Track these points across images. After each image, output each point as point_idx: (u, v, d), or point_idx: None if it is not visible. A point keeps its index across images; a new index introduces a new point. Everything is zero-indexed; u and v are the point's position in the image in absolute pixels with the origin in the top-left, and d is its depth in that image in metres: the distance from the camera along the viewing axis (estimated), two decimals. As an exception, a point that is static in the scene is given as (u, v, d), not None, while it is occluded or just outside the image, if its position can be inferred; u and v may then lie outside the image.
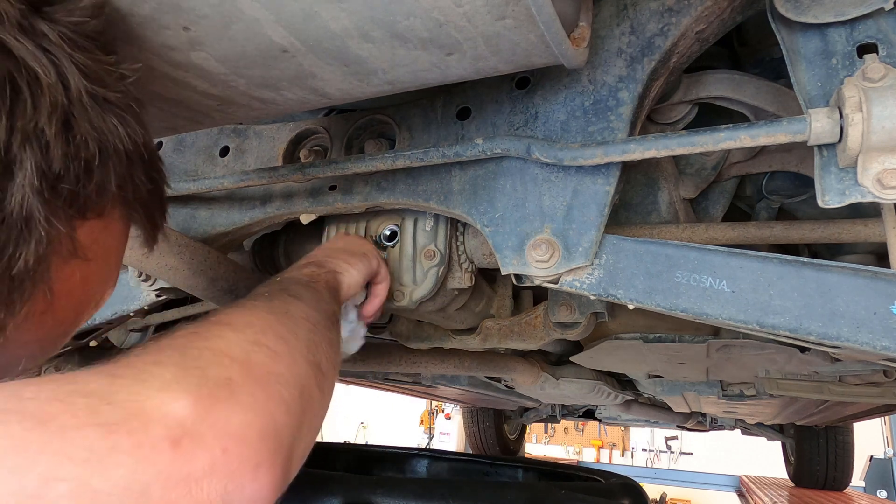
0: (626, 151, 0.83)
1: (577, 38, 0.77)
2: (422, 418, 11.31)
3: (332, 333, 0.73)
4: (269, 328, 0.59)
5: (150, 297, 1.24)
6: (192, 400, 0.43)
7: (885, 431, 8.11)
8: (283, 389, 0.52)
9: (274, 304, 0.67)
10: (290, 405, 0.51)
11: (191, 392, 0.44)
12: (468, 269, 1.15)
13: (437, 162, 0.96)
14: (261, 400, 0.48)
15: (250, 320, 0.59)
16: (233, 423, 0.44)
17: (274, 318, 0.62)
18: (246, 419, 0.45)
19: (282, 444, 0.48)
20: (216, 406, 0.44)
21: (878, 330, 0.70)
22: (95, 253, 0.57)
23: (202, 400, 0.44)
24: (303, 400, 0.54)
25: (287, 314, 0.65)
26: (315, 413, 0.58)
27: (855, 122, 0.68)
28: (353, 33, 0.66)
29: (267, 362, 0.53)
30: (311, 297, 0.77)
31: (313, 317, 0.69)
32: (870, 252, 1.24)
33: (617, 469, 6.12)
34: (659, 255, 0.84)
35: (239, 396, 0.46)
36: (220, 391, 0.46)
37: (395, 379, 2.91)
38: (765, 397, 2.30)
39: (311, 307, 0.72)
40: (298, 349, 0.59)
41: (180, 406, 0.42)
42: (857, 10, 0.75)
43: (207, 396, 0.44)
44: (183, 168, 1.27)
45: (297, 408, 0.52)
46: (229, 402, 0.45)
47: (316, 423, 0.59)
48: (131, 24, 0.64)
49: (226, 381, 0.47)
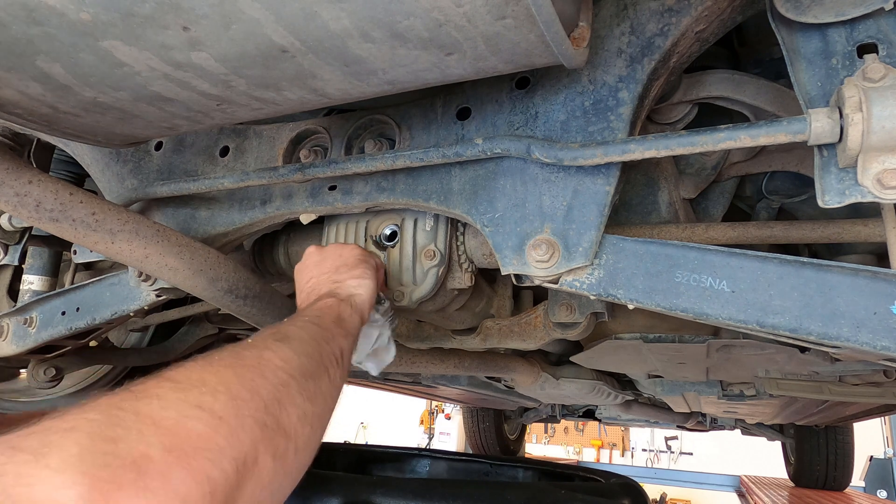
0: (626, 151, 0.83)
1: (577, 38, 0.77)
2: (422, 418, 11.31)
3: (321, 381, 0.68)
4: (223, 386, 0.54)
5: (150, 297, 1.24)
6: (88, 485, 0.39)
7: (885, 431, 8.11)
8: (212, 467, 0.46)
9: (248, 352, 0.62)
10: (218, 485, 0.46)
11: (88, 474, 0.39)
12: (468, 269, 1.15)
13: (437, 162, 0.96)
14: (175, 483, 0.43)
15: (203, 377, 0.54)
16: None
17: (233, 373, 0.56)
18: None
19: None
20: (115, 493, 0.40)
21: (878, 330, 0.70)
22: None
23: (100, 485, 0.39)
24: (241, 475, 0.49)
25: (257, 366, 0.60)
26: (266, 483, 0.53)
27: (855, 122, 0.68)
28: (353, 33, 0.66)
29: (202, 431, 0.48)
30: (307, 338, 0.72)
31: (295, 366, 0.64)
32: (870, 252, 1.24)
33: (617, 469, 6.12)
34: (659, 255, 0.84)
35: (147, 479, 0.42)
36: (126, 474, 0.41)
37: (395, 379, 2.91)
38: (765, 397, 2.30)
39: (299, 352, 0.67)
40: (252, 411, 0.54)
41: (72, 494, 0.38)
42: (857, 10, 0.75)
43: (108, 480, 0.40)
44: (183, 168, 1.27)
45: (229, 486, 0.47)
46: (133, 487, 0.41)
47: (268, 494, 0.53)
48: (132, 24, 0.64)
49: (139, 458, 0.43)
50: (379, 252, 1.16)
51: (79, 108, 0.81)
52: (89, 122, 0.87)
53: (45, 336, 1.43)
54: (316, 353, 0.71)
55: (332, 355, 0.74)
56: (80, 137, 0.93)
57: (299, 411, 0.60)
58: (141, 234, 0.98)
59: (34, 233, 1.65)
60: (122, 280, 1.30)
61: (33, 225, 0.93)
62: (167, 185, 1.18)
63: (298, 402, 0.61)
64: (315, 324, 0.77)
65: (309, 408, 0.62)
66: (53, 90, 0.75)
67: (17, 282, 1.76)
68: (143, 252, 0.98)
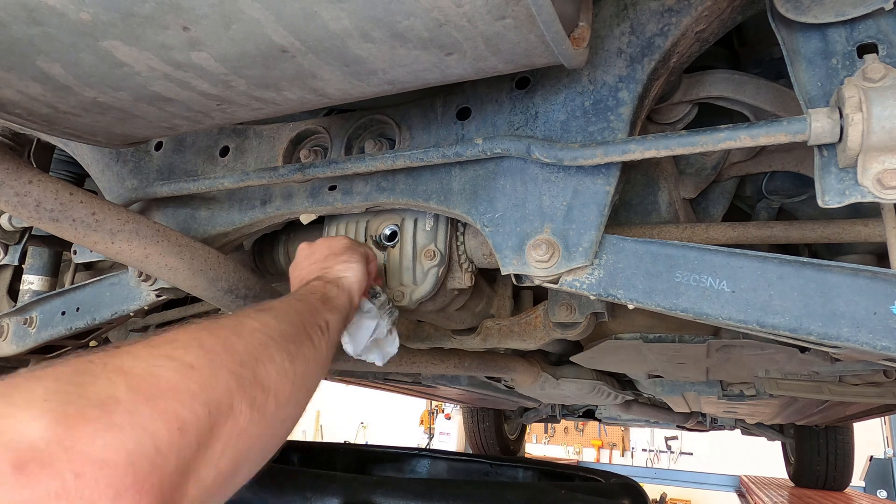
0: (626, 151, 0.83)
1: (577, 38, 0.77)
2: (422, 418, 11.31)
3: (303, 345, 0.68)
4: (195, 342, 0.54)
5: (150, 297, 1.24)
6: (52, 419, 0.39)
7: (885, 431, 8.10)
8: (180, 407, 0.47)
9: (227, 319, 0.63)
10: (189, 424, 0.47)
11: (53, 410, 0.40)
12: (468, 269, 1.15)
13: (437, 162, 0.96)
14: (142, 419, 0.43)
15: (176, 336, 0.55)
16: (95, 444, 0.40)
17: (207, 332, 0.57)
18: (113, 440, 0.41)
19: (161, 468, 0.43)
20: (80, 426, 0.40)
21: (878, 330, 0.70)
22: None
23: (65, 419, 0.40)
24: (214, 418, 0.49)
25: (234, 326, 0.61)
26: (242, 430, 0.53)
27: (855, 122, 0.68)
28: (353, 33, 0.66)
29: (171, 377, 0.48)
30: (290, 308, 0.73)
31: (273, 328, 0.64)
32: (870, 252, 1.24)
33: (617, 469, 6.12)
34: (659, 255, 0.84)
35: (114, 416, 0.42)
36: (91, 410, 0.41)
37: (395, 379, 2.91)
38: (765, 397, 2.30)
39: (280, 318, 0.68)
40: (226, 362, 0.54)
41: (36, 426, 0.39)
42: (857, 10, 0.75)
43: (73, 416, 0.40)
44: (183, 168, 1.27)
45: (200, 427, 0.47)
46: (98, 421, 0.41)
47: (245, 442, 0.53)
48: (132, 24, 0.64)
49: (105, 398, 0.43)
50: (379, 252, 1.16)
51: (79, 108, 0.81)
52: (89, 122, 0.87)
53: (45, 336, 1.43)
54: (298, 321, 0.71)
55: (315, 325, 0.75)
56: (80, 137, 0.93)
57: (278, 367, 0.61)
58: (141, 234, 0.98)
59: (34, 233, 1.65)
60: (122, 280, 1.30)
61: (33, 225, 0.93)
62: (167, 185, 1.18)
63: (277, 359, 0.61)
64: (298, 300, 0.78)
65: (289, 366, 0.63)
66: (53, 90, 0.75)
67: (17, 282, 1.75)
68: (143, 252, 0.99)
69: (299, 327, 0.70)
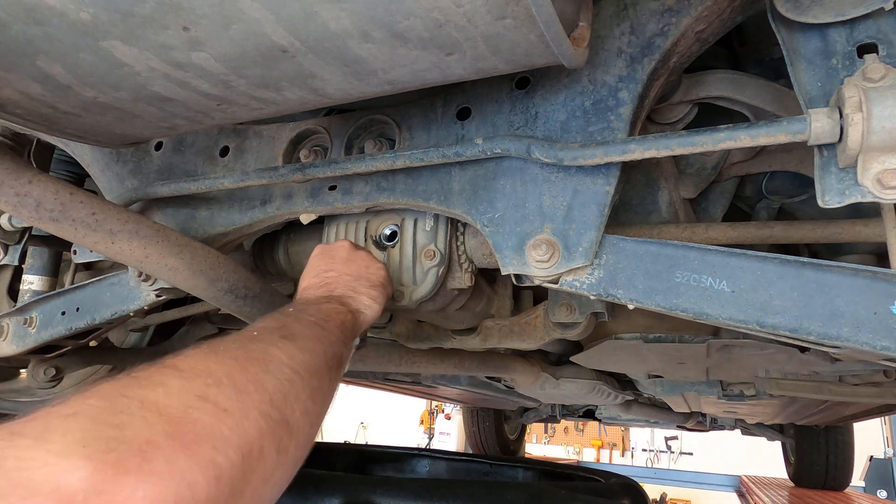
0: (626, 151, 0.83)
1: (577, 38, 0.77)
2: (422, 418, 11.32)
3: (323, 381, 0.68)
4: (228, 378, 0.53)
5: (150, 297, 1.24)
6: (93, 469, 0.38)
7: (885, 431, 8.11)
8: (217, 455, 0.46)
9: (254, 345, 0.62)
10: (224, 472, 0.46)
11: (93, 458, 0.39)
12: (468, 269, 1.15)
13: (437, 162, 0.96)
14: (181, 468, 0.43)
15: (209, 366, 0.54)
16: (136, 497, 0.39)
17: (239, 366, 0.56)
18: (154, 492, 0.40)
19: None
20: (120, 477, 0.39)
21: (878, 330, 0.70)
22: None
23: (105, 468, 0.39)
24: (247, 464, 0.49)
25: (263, 360, 0.60)
26: (268, 476, 0.53)
27: (855, 122, 0.68)
28: (353, 33, 0.66)
29: (207, 422, 0.48)
30: (312, 337, 0.72)
31: (300, 362, 0.64)
32: (870, 252, 1.24)
33: (617, 469, 6.12)
34: (659, 255, 0.84)
35: (153, 464, 0.41)
36: (131, 458, 0.40)
37: (395, 379, 2.91)
38: (765, 397, 2.30)
39: (304, 350, 0.67)
40: (257, 403, 0.54)
41: (76, 478, 0.37)
42: (857, 10, 0.75)
43: (113, 464, 0.39)
44: (183, 168, 1.27)
45: (235, 474, 0.47)
46: (139, 472, 0.40)
47: (269, 487, 0.53)
48: (132, 24, 0.64)
49: (144, 444, 0.42)
50: (379, 252, 1.16)
51: (79, 108, 0.81)
52: (89, 122, 0.87)
53: (45, 336, 1.43)
54: (320, 351, 0.71)
55: (334, 358, 0.74)
56: (80, 137, 0.93)
57: (302, 406, 0.60)
58: (141, 234, 0.98)
59: (34, 233, 1.65)
60: (122, 280, 1.30)
61: (33, 225, 0.93)
62: (167, 185, 1.18)
63: (302, 397, 0.61)
64: (320, 326, 0.77)
65: (311, 405, 0.62)
66: (53, 90, 0.75)
67: (17, 282, 1.75)
68: (143, 252, 0.98)
69: (321, 361, 0.70)
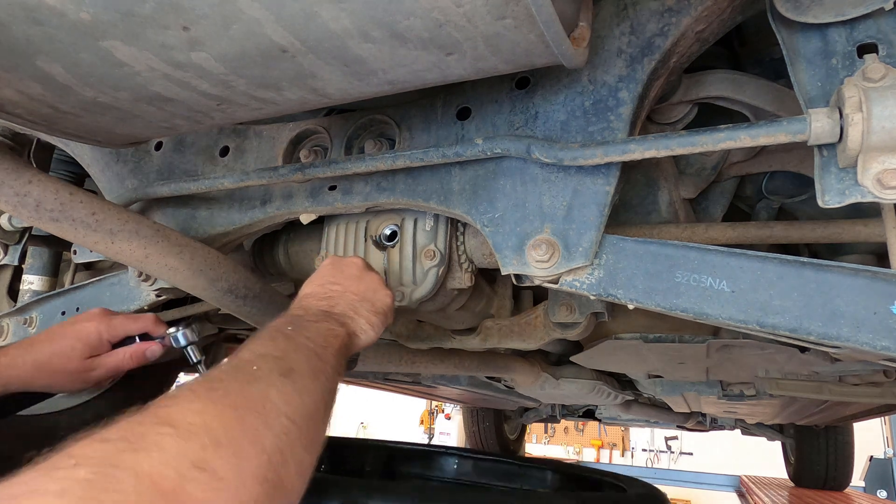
0: (626, 151, 0.83)
1: (576, 38, 0.77)
2: (422, 418, 11.32)
3: (319, 427, 0.65)
4: (226, 435, 0.51)
5: (150, 297, 1.24)
6: None
7: (885, 431, 8.11)
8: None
9: (254, 388, 0.59)
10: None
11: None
12: (468, 269, 1.15)
13: (437, 162, 0.96)
14: None
15: (206, 422, 0.51)
16: None
17: (237, 418, 0.54)
18: None
19: None
20: None
21: (878, 330, 0.70)
22: None
23: None
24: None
25: (262, 410, 0.57)
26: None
27: (855, 122, 0.68)
28: (353, 33, 0.66)
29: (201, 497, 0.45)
30: (310, 374, 0.69)
31: (297, 408, 0.61)
32: (870, 252, 1.24)
33: (617, 469, 6.12)
34: (659, 255, 0.84)
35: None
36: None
37: (395, 379, 2.91)
38: (765, 397, 2.30)
39: (303, 392, 0.65)
40: (255, 468, 0.51)
41: None
42: (857, 10, 0.75)
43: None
44: (183, 168, 1.27)
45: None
46: None
47: None
48: (132, 24, 0.64)
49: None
50: (379, 252, 1.16)
51: (79, 108, 0.81)
52: (89, 122, 0.87)
53: (45, 336, 1.43)
54: (318, 392, 0.68)
55: (330, 392, 0.72)
56: (80, 137, 0.93)
57: (298, 461, 0.58)
58: (141, 234, 0.98)
59: (34, 233, 1.65)
60: (122, 280, 1.30)
61: (33, 225, 0.93)
62: (167, 185, 1.18)
63: (298, 451, 0.58)
64: (318, 355, 0.74)
65: (306, 458, 0.60)
66: (53, 90, 0.75)
67: (17, 282, 1.75)
68: (143, 252, 0.98)
69: (319, 404, 0.67)
